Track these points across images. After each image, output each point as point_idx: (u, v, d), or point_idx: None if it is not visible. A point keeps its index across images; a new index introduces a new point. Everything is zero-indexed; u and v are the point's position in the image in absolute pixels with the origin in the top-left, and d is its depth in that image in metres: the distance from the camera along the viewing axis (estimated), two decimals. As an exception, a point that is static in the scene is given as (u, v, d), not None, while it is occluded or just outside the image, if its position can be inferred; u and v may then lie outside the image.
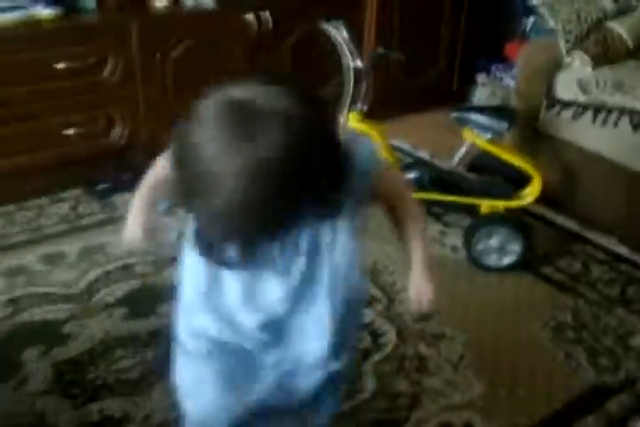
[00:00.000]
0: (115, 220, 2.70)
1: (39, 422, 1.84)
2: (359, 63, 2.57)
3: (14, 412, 1.87)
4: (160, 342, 2.06)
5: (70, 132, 2.85)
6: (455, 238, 2.65)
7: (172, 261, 2.44)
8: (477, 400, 1.94)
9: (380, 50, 2.88)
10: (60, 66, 2.73)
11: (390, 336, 2.17)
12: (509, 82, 3.62)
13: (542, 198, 2.54)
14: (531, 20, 3.72)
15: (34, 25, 2.72)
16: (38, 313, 2.24)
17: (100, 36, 2.82)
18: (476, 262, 2.52)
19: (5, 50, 2.62)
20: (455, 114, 2.55)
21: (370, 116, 2.66)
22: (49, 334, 2.14)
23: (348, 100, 2.59)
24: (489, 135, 2.49)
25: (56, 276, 2.42)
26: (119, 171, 2.92)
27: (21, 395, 1.92)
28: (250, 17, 3.09)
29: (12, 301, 2.29)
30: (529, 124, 2.88)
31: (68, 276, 2.42)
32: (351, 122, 2.61)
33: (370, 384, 1.97)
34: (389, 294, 2.36)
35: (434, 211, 2.80)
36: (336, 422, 1.82)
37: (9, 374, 1.99)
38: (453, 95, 3.79)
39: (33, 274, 2.43)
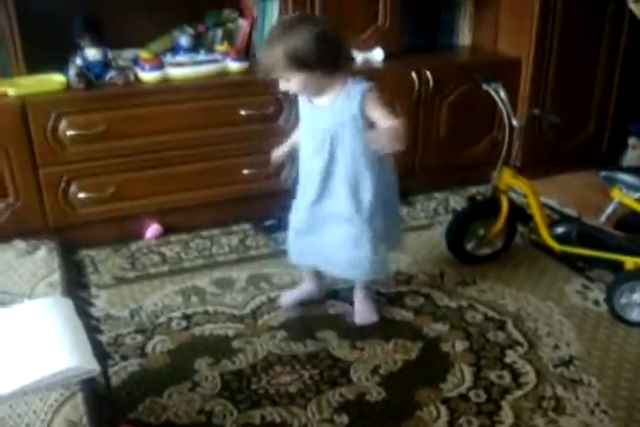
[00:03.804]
0: (278, 253, 2.99)
1: (208, 420, 2.10)
2: (515, 122, 2.77)
3: (187, 410, 2.14)
4: (317, 364, 2.30)
5: (246, 172, 3.19)
6: (598, 293, 2.75)
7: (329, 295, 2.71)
8: (612, 443, 2.04)
9: (537, 111, 3.06)
10: (243, 113, 3.08)
11: (530, 377, 2.29)
12: (662, 146, 3.66)
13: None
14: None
15: (225, 76, 3.12)
16: (210, 329, 2.53)
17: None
18: (618, 316, 2.59)
19: (202, 97, 3.02)
20: (604, 173, 2.66)
21: (521, 172, 2.83)
22: (218, 347, 2.42)
23: (503, 156, 2.78)
24: (637, 194, 2.60)
25: (226, 298, 2.71)
26: (284, 210, 3.20)
27: (193, 396, 2.19)
28: (413, 75, 3.35)
29: (187, 316, 2.60)
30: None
31: (237, 299, 2.70)
32: (504, 176, 2.79)
33: (508, 418, 2.11)
34: (531, 338, 2.48)
35: (578, 265, 2.90)
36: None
37: (183, 377, 2.27)
38: (603, 157, 3.87)
39: (206, 294, 2.73)
